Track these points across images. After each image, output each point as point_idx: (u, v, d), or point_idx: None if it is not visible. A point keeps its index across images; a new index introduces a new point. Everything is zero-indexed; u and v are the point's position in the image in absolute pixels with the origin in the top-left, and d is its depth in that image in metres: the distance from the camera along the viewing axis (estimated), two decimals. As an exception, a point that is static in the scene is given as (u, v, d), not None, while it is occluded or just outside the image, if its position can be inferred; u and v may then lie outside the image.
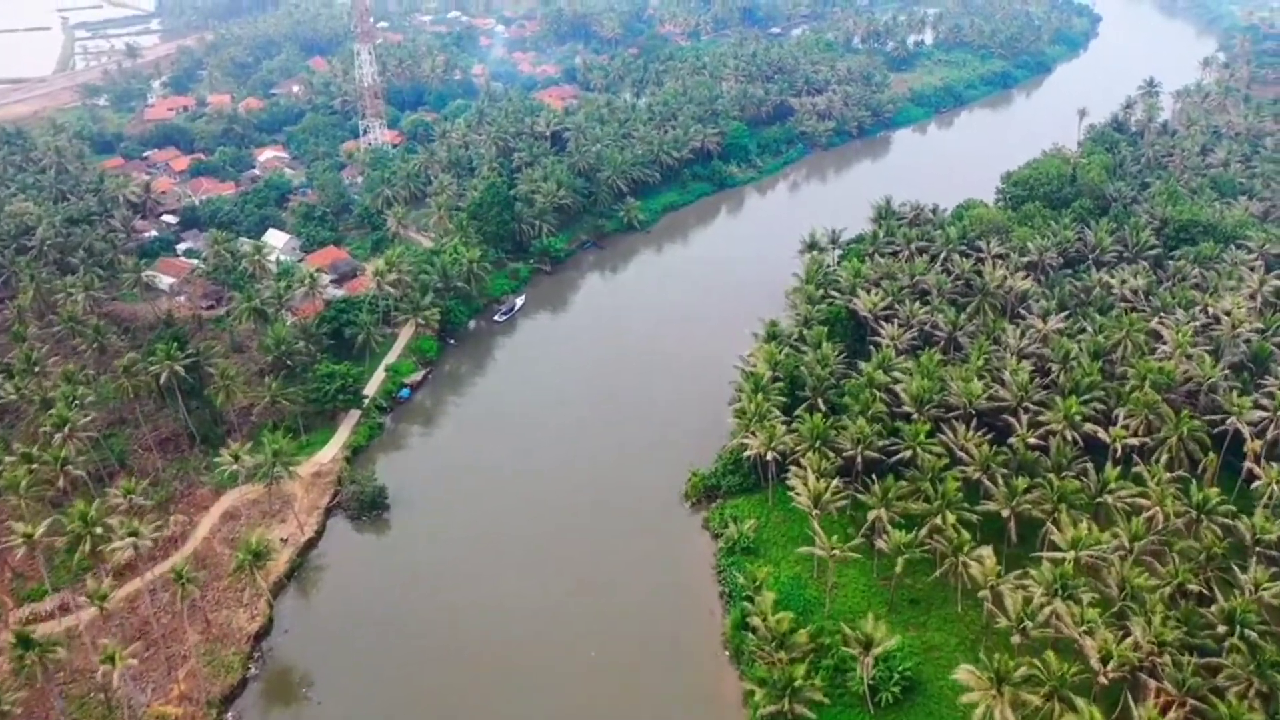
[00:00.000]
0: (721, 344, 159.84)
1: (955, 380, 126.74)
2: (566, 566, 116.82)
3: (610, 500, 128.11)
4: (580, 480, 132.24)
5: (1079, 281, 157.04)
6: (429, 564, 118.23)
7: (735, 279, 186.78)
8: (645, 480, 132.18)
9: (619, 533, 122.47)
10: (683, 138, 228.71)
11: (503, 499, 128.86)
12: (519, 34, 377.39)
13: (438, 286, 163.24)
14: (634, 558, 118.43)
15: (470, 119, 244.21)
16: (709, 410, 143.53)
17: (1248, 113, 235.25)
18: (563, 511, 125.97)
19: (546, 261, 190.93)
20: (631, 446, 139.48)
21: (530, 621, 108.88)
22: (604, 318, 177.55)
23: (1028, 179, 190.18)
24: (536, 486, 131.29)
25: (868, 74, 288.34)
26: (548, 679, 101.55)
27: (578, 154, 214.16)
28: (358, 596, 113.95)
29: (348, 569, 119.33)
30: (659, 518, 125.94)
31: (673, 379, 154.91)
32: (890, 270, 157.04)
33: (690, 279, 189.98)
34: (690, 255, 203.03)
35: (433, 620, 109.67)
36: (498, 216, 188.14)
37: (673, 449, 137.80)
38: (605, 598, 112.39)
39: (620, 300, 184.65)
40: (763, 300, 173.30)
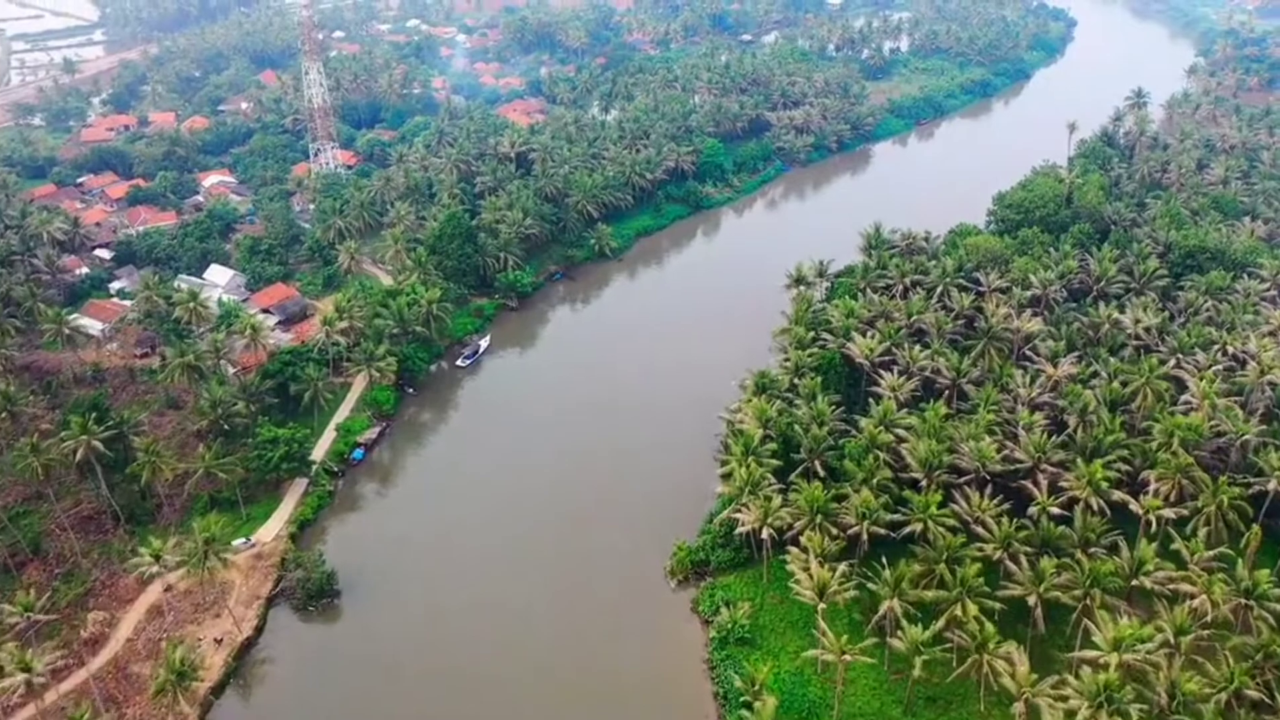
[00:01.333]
0: (704, 385, 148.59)
1: (965, 440, 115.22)
2: (540, 663, 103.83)
3: (588, 577, 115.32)
4: (553, 553, 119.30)
5: (1086, 317, 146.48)
6: (385, 659, 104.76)
7: (716, 312, 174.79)
8: (625, 550, 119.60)
9: (598, 619, 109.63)
10: (655, 158, 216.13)
11: (468, 578, 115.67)
12: (481, 43, 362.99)
13: (394, 332, 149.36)
14: (615, 651, 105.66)
15: (429, 138, 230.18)
16: (693, 463, 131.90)
17: (1240, 124, 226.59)
18: (534, 593, 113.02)
19: (513, 297, 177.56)
20: (609, 509, 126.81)
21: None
22: (575, 358, 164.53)
23: (1022, 201, 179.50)
24: (504, 562, 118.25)
25: (845, 85, 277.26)
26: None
27: (544, 177, 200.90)
28: (305, 702, 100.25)
29: (293, 669, 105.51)
30: (642, 599, 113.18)
31: (652, 426, 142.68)
32: (885, 308, 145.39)
33: (667, 312, 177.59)
34: (667, 286, 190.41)
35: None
36: (459, 250, 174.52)
37: (655, 510, 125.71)
38: (583, 701, 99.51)
39: (592, 338, 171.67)
40: (747, 337, 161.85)
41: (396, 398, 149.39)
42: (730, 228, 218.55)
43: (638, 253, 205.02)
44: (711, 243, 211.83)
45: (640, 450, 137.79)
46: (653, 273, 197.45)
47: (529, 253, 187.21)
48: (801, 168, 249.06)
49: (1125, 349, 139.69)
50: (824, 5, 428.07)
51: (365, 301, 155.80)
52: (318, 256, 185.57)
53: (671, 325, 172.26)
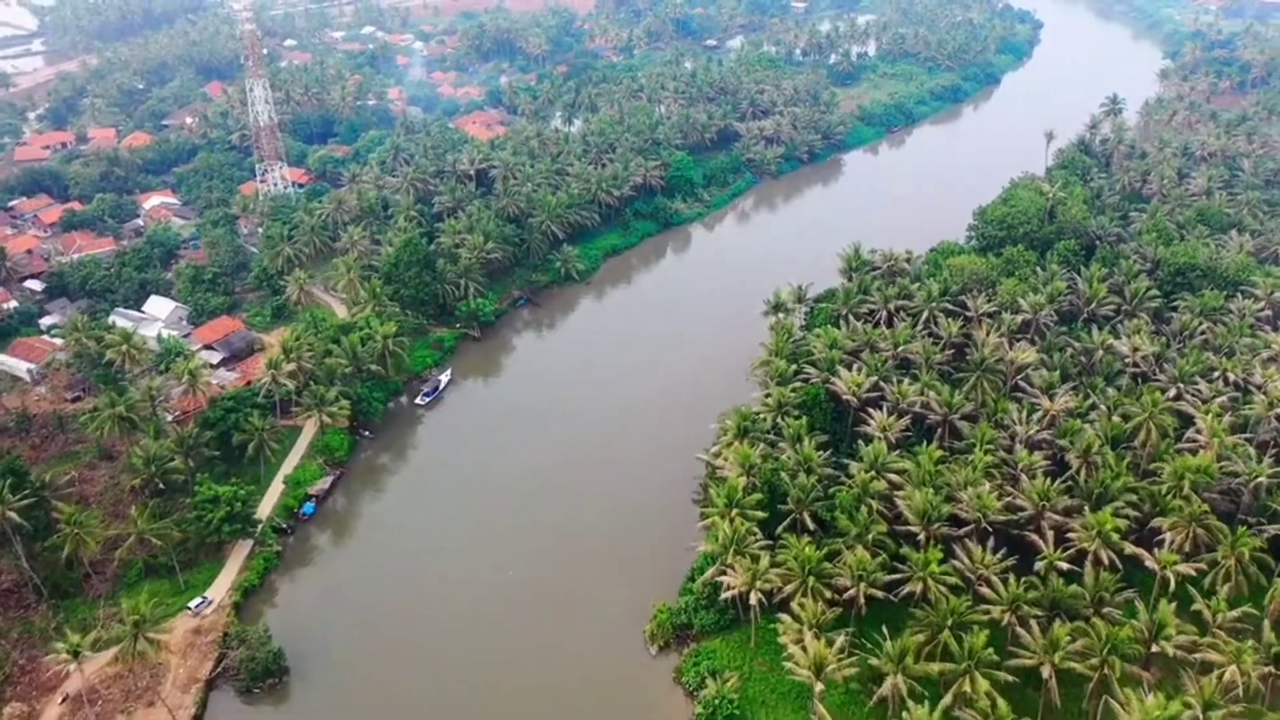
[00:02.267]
0: (680, 420, 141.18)
1: (963, 487, 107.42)
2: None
3: (560, 646, 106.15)
4: (521, 619, 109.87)
5: (1078, 342, 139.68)
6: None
7: (691, 337, 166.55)
8: (601, 613, 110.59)
9: (573, 697, 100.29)
10: (622, 173, 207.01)
11: (429, 650, 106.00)
12: (439, 51, 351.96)
13: (346, 372, 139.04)
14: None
15: (385, 154, 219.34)
16: (671, 507, 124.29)
17: (1219, 131, 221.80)
18: (501, 665, 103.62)
19: (475, 326, 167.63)
20: (581, 564, 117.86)
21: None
22: (543, 391, 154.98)
23: (1004, 217, 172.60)
24: (468, 629, 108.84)
25: (815, 93, 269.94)
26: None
27: (506, 197, 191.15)
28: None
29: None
30: (620, 669, 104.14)
31: (626, 467, 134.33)
32: (870, 338, 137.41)
33: (639, 339, 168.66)
34: (637, 310, 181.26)
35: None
36: (416, 278, 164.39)
37: (632, 564, 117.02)
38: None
39: (560, 369, 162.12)
40: (723, 364, 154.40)
41: (351, 442, 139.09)
42: (702, 245, 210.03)
43: (606, 274, 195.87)
44: (683, 262, 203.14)
45: (615, 495, 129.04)
46: (622, 296, 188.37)
47: (491, 277, 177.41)
48: (773, 179, 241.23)
49: (1121, 376, 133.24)
50: (789, 9, 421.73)
51: (315, 338, 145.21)
52: (265, 285, 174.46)
53: (643, 353, 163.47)
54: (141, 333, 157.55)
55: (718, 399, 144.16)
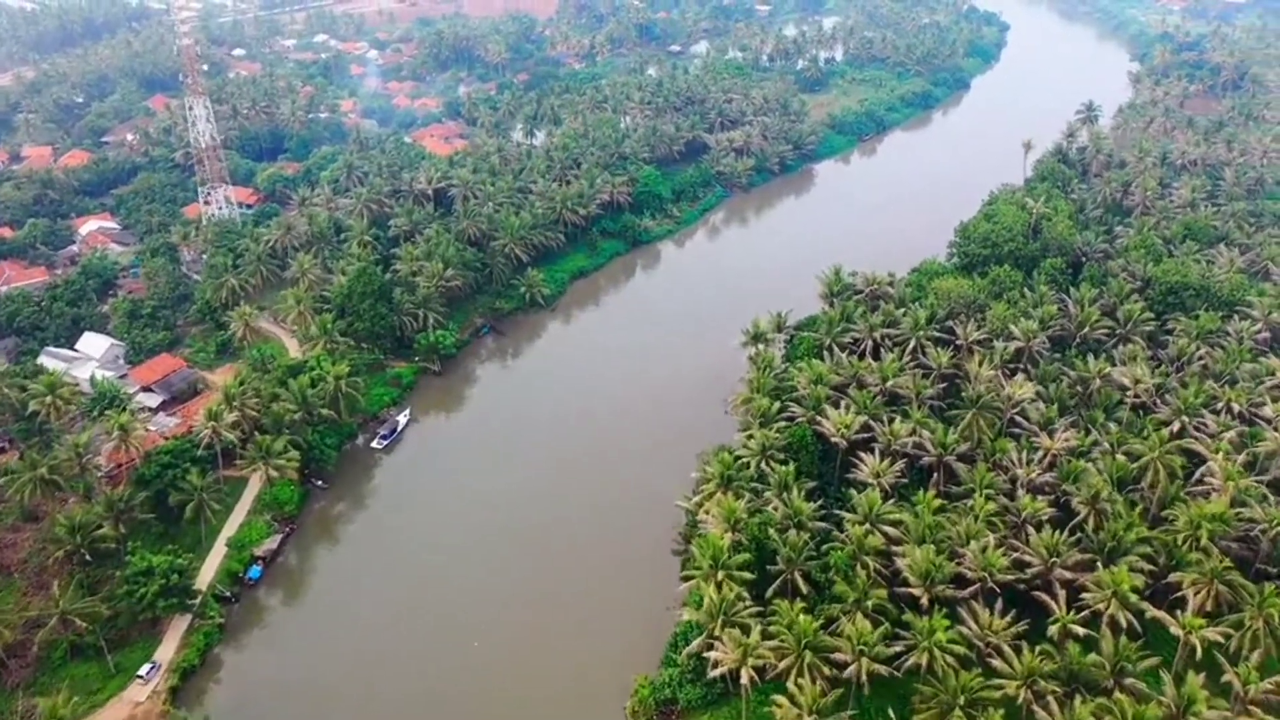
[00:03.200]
0: (657, 461, 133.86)
1: (965, 541, 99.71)
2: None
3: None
4: (491, 691, 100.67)
5: (1073, 370, 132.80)
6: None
7: (663, 364, 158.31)
8: (576, 682, 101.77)
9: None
10: (588, 190, 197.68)
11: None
12: (395, 60, 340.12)
13: (295, 419, 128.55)
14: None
15: (337, 173, 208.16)
16: (648, 558, 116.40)
17: (1197, 138, 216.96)
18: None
19: (435, 359, 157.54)
20: (555, 627, 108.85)
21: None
22: (508, 427, 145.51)
23: (988, 234, 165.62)
24: (433, 705, 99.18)
25: (785, 102, 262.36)
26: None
27: (466, 218, 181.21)
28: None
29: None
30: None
31: (598, 514, 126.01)
32: (856, 371, 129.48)
33: (609, 368, 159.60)
34: (607, 337, 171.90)
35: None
36: (371, 310, 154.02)
37: (608, 629, 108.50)
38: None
39: (526, 404, 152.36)
40: (700, 396, 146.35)
41: (302, 494, 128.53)
42: (672, 264, 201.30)
43: (573, 297, 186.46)
44: (653, 283, 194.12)
45: (588, 545, 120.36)
46: (591, 321, 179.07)
47: (452, 305, 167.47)
48: (744, 193, 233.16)
49: (1121, 407, 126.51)
50: (753, 13, 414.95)
51: (262, 381, 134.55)
52: (209, 319, 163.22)
53: (614, 383, 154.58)
54: (73, 374, 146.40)
55: (695, 433, 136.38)
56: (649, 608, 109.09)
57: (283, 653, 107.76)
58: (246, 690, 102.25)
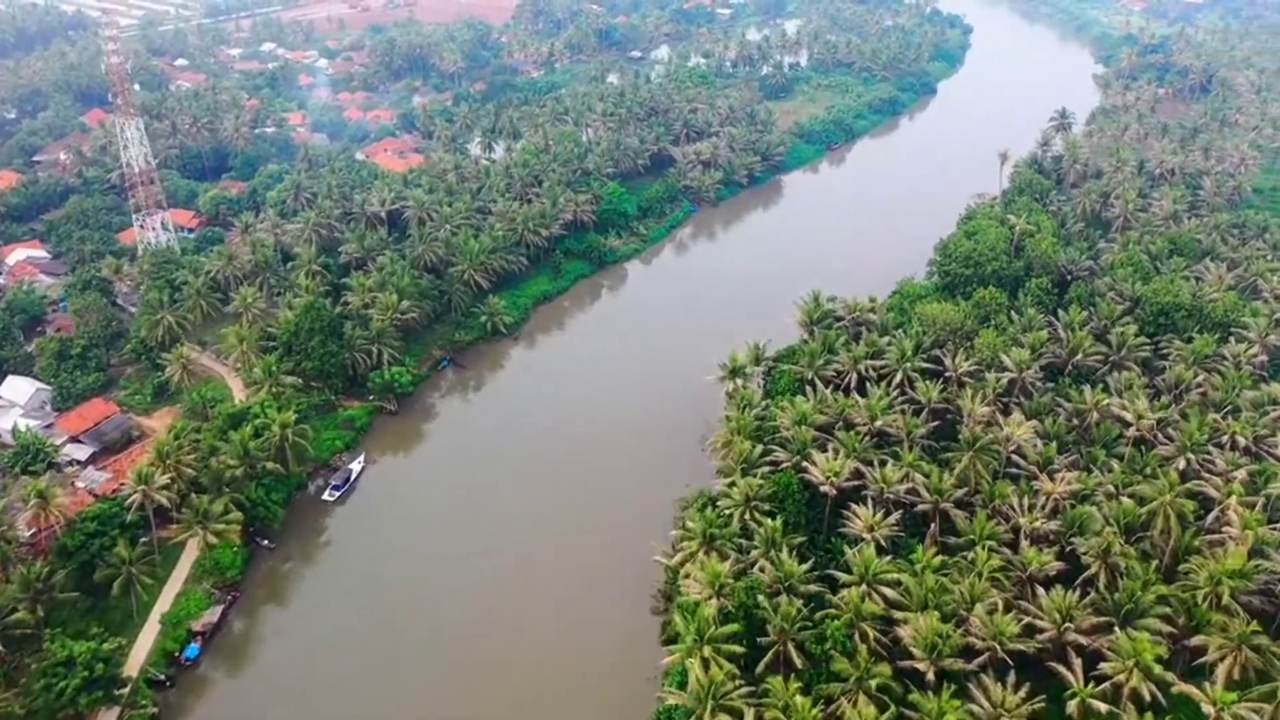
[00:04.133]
0: (630, 500, 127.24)
1: (970, 604, 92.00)
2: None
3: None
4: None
5: (1068, 402, 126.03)
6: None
7: (634, 394, 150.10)
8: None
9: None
10: (551, 210, 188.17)
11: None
12: (346, 69, 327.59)
13: (236, 475, 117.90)
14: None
15: (284, 194, 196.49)
16: (624, 617, 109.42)
17: (1174, 146, 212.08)
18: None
19: (391, 398, 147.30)
20: (525, 706, 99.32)
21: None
22: (470, 468, 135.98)
23: (970, 253, 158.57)
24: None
25: (751, 111, 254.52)
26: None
27: (422, 243, 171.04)
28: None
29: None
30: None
31: (570, 561, 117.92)
32: (843, 409, 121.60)
33: (576, 402, 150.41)
34: (573, 367, 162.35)
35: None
36: (321, 348, 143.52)
37: (583, 699, 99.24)
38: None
39: (488, 440, 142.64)
40: (673, 428, 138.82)
41: (245, 556, 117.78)
42: (640, 285, 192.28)
43: (537, 324, 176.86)
44: (621, 306, 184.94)
45: (559, 603, 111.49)
46: (556, 351, 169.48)
47: (408, 337, 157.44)
48: (712, 207, 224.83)
49: (1121, 441, 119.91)
50: (714, 17, 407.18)
51: (201, 432, 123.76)
52: (145, 358, 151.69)
53: (582, 417, 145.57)
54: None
55: (672, 472, 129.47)
56: (628, 676, 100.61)
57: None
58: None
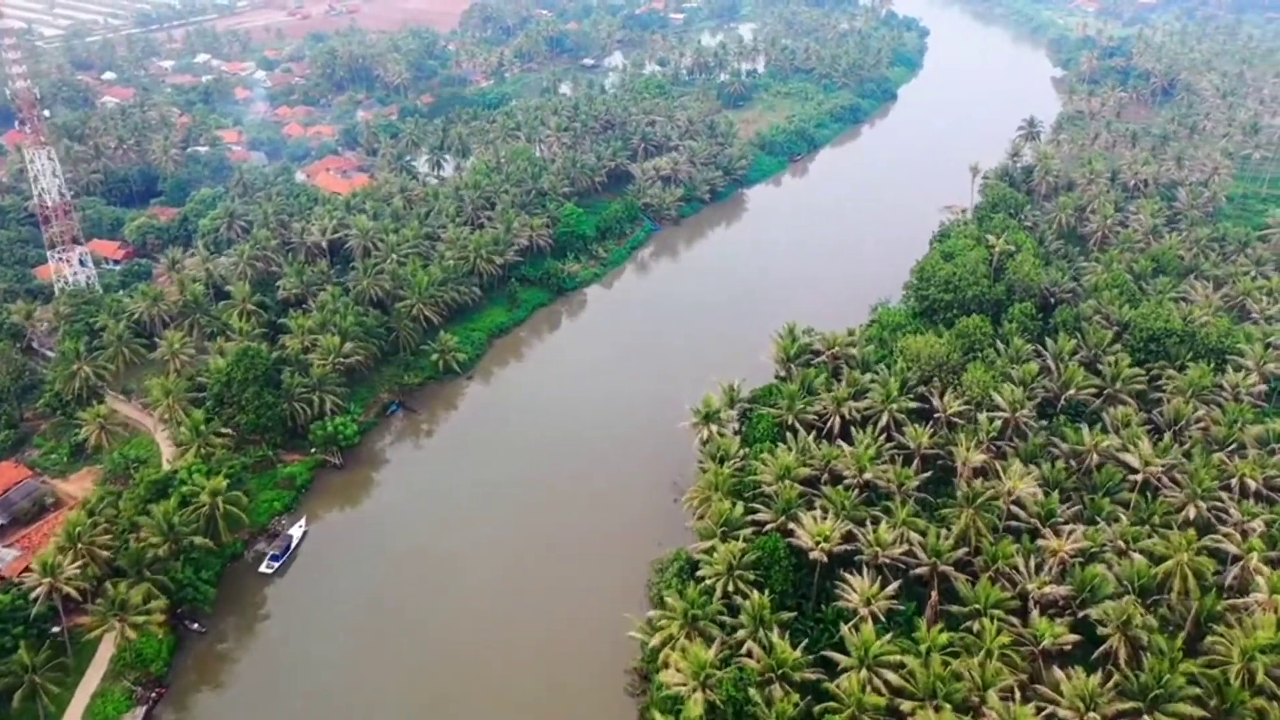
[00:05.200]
0: (596, 558, 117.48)
1: (983, 691, 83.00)
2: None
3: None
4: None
5: (1063, 442, 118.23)
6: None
7: (599, 437, 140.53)
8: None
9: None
10: (505, 236, 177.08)
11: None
12: (285, 81, 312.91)
13: (160, 554, 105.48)
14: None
15: (218, 220, 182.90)
16: (597, 707, 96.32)
17: (1146, 155, 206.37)
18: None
19: (334, 450, 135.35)
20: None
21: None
22: (422, 527, 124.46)
23: (949, 278, 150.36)
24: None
25: (711, 122, 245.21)
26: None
27: (367, 276, 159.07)
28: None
29: None
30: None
31: (534, 631, 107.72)
32: (828, 461, 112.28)
33: (536, 445, 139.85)
34: (532, 404, 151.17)
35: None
36: (256, 399, 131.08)
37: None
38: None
39: (442, 493, 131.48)
40: (642, 474, 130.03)
41: (171, 644, 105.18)
42: (602, 314, 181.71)
43: (493, 359, 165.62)
44: (582, 337, 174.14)
45: (524, 687, 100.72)
46: (514, 389, 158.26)
47: (352, 381, 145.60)
48: (674, 225, 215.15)
49: (1124, 484, 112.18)
50: (668, 22, 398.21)
51: (121, 505, 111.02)
52: (60, 412, 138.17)
53: (543, 466, 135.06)
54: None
55: (644, 524, 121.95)
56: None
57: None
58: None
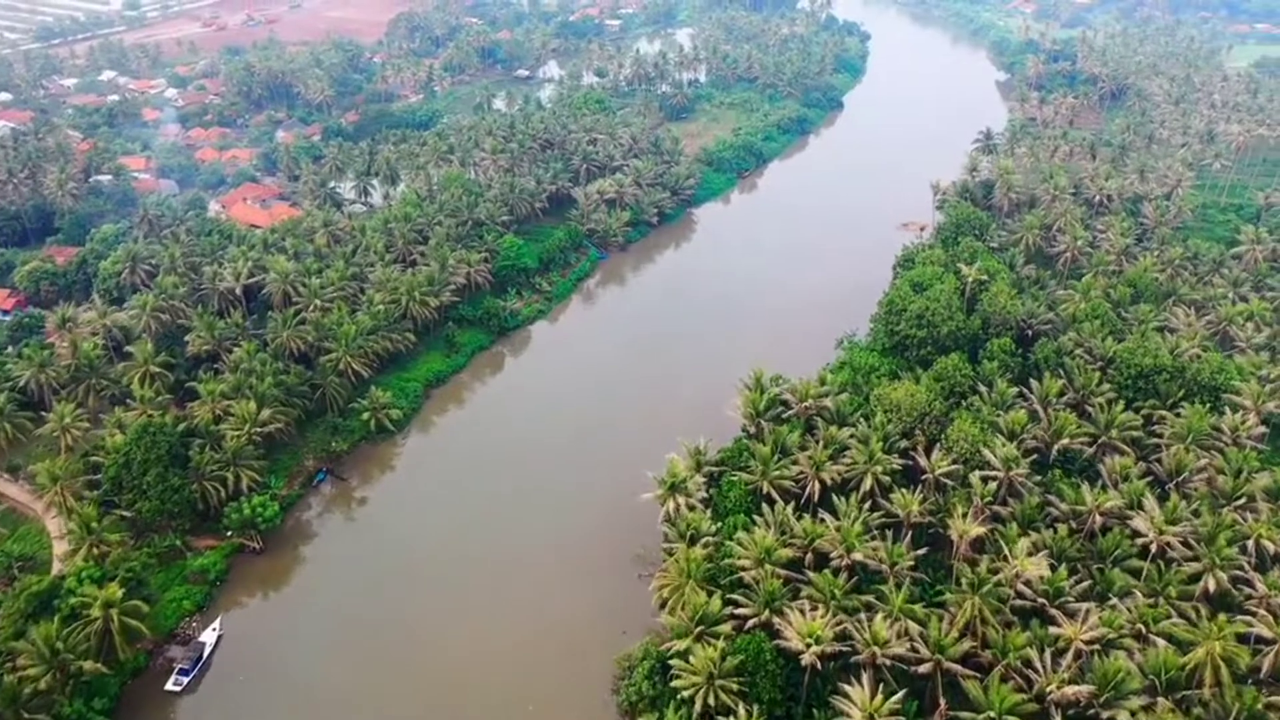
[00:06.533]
0: (553, 659, 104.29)
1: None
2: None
3: None
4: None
5: (1061, 501, 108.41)
6: None
7: (549, 502, 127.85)
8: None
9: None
10: (440, 275, 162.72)
11: None
12: (198, 100, 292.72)
13: (40, 689, 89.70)
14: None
15: (119, 265, 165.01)
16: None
17: (1107, 168, 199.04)
18: None
19: (254, 534, 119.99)
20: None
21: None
22: (354, 627, 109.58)
23: (922, 313, 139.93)
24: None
25: (656, 139, 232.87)
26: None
27: (287, 328, 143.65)
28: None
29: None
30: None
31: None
32: (812, 539, 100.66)
33: (480, 517, 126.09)
34: (475, 465, 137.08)
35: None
36: (160, 482, 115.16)
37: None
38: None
39: (375, 581, 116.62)
40: (602, 549, 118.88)
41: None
42: (548, 355, 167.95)
43: (431, 412, 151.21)
44: (527, 383, 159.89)
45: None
46: (454, 445, 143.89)
47: (273, 450, 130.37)
48: (621, 251, 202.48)
49: (1132, 548, 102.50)
50: (603, 29, 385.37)
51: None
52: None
53: (487, 540, 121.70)
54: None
55: (601, 605, 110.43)
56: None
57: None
58: None
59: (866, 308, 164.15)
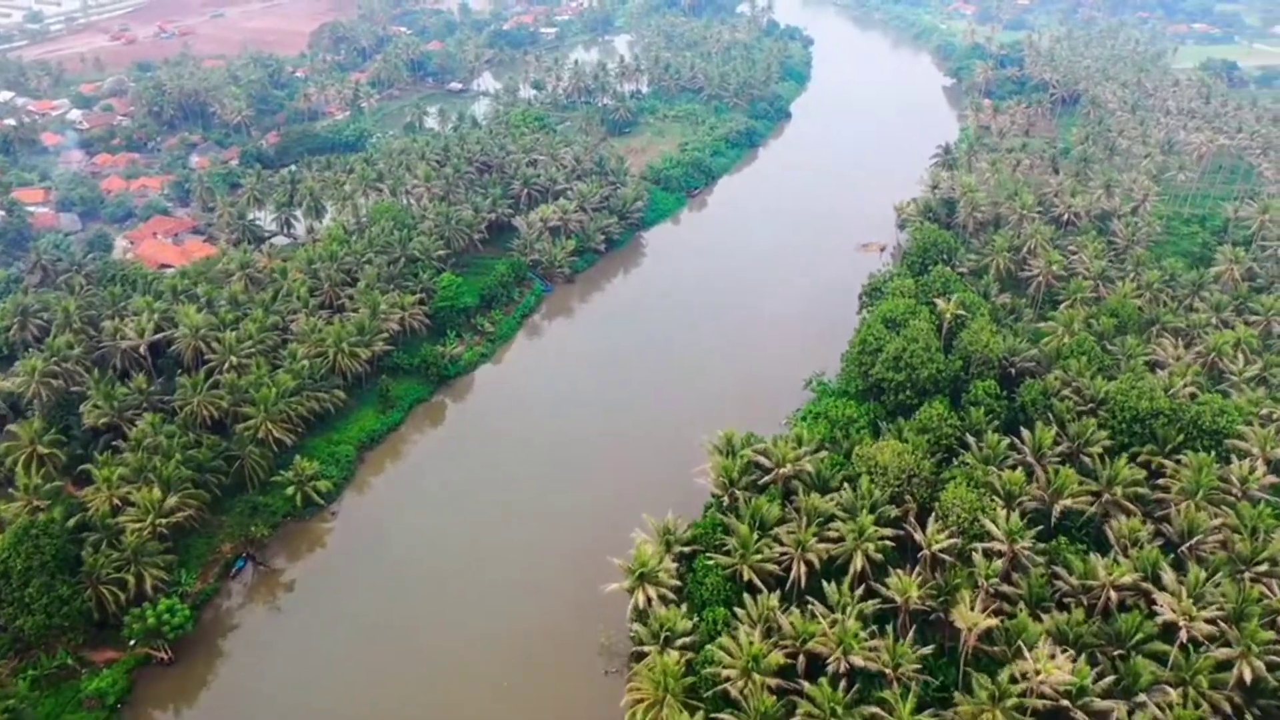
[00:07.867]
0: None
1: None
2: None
3: None
4: None
5: (1070, 574, 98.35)
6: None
7: (502, 581, 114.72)
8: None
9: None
10: (371, 323, 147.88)
11: None
12: (105, 121, 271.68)
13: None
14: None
15: (7, 320, 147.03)
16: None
17: (1075, 186, 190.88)
18: None
19: (161, 643, 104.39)
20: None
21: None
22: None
23: (899, 354, 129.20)
24: None
25: (600, 159, 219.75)
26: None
27: (198, 393, 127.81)
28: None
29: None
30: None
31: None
32: (804, 640, 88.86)
33: (420, 605, 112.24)
34: (413, 541, 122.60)
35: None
36: (46, 592, 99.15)
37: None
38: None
39: (305, 688, 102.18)
40: (563, 638, 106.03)
41: None
42: (492, 405, 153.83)
43: (364, 476, 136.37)
44: (470, 438, 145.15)
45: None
46: (391, 516, 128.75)
47: (181, 538, 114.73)
48: (567, 283, 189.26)
49: (1151, 628, 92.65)
50: (539, 37, 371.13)
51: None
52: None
53: (431, 630, 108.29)
54: None
55: (562, 708, 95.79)
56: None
57: None
58: None
59: (832, 340, 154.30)
